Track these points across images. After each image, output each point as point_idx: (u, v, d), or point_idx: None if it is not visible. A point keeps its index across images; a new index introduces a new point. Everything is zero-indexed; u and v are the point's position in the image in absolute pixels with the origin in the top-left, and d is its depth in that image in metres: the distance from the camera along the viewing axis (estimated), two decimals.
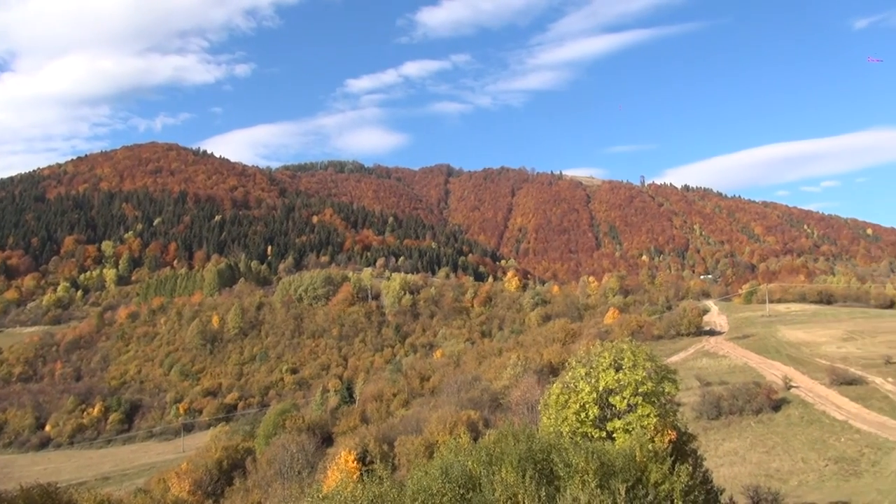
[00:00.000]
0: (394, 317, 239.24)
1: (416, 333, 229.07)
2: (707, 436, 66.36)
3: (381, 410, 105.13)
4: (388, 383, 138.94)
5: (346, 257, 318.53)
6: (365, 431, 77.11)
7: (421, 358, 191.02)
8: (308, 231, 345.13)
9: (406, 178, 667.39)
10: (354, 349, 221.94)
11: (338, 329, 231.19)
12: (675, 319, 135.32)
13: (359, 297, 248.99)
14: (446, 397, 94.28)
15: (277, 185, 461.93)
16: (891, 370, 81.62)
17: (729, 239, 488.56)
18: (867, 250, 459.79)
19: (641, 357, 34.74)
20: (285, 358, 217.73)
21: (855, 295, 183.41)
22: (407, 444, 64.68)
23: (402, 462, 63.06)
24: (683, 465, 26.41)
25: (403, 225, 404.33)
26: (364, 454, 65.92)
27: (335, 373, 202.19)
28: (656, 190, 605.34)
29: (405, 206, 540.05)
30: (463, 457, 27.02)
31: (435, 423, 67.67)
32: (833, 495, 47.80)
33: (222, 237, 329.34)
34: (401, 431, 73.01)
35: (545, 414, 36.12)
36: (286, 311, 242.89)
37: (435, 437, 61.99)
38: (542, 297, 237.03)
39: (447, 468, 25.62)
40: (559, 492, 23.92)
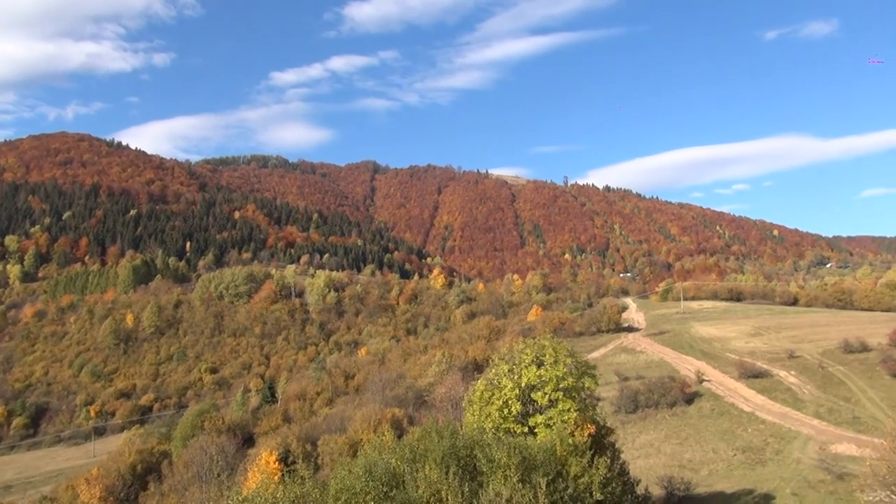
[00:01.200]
0: (318, 314, 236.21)
1: (341, 331, 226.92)
2: (625, 429, 68.49)
3: (304, 409, 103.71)
4: (311, 382, 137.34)
5: (269, 254, 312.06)
6: (287, 431, 76.00)
7: (345, 356, 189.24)
8: (229, 227, 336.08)
9: (332, 175, 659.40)
10: (277, 348, 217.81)
11: (260, 327, 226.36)
12: (596, 316, 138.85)
13: (282, 294, 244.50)
14: (371, 395, 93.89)
15: (197, 180, 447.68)
16: (794, 364, 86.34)
17: (647, 238, 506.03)
18: (773, 250, 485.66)
19: (562, 353, 35.52)
20: (204, 357, 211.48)
21: (762, 293, 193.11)
22: (330, 443, 64.08)
23: (325, 461, 62.44)
24: (602, 458, 27.19)
25: (328, 222, 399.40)
26: (286, 454, 64.89)
27: (257, 372, 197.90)
28: (579, 190, 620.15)
29: (330, 203, 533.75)
30: (387, 455, 26.95)
31: (359, 421, 67.27)
32: (740, 483, 50.18)
33: (138, 232, 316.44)
34: (324, 430, 72.25)
35: (469, 410, 36.43)
36: (206, 309, 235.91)
37: (359, 436, 61.63)
38: (468, 294, 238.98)
39: (371, 466, 25.48)
40: (482, 487, 24.17)
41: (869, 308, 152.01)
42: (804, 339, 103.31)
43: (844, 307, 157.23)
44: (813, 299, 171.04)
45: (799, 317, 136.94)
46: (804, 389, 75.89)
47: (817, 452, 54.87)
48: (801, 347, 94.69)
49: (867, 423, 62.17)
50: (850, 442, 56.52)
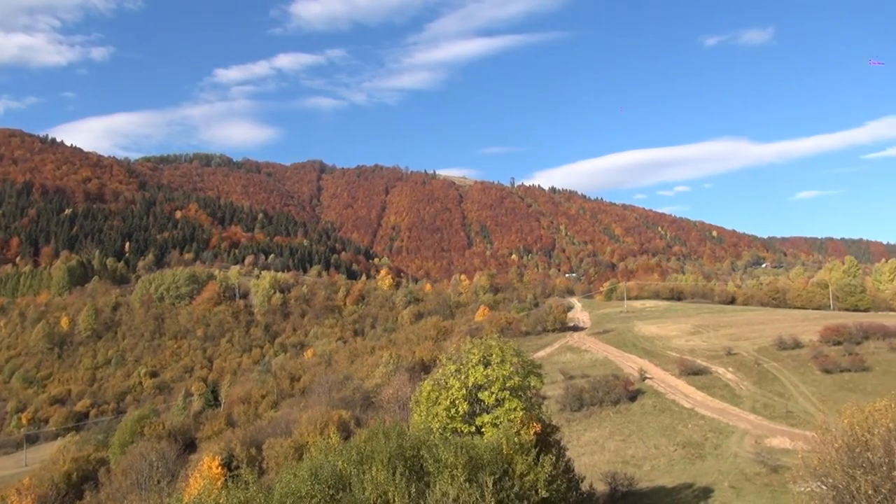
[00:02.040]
0: (263, 316, 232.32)
1: (287, 333, 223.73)
2: (570, 427, 69.48)
3: (248, 413, 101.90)
4: (256, 385, 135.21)
5: (212, 255, 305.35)
6: (231, 435, 74.54)
7: (291, 358, 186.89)
8: (171, 227, 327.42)
9: (277, 174, 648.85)
10: (220, 350, 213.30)
11: (202, 329, 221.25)
12: (542, 316, 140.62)
13: (225, 295, 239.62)
14: (317, 397, 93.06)
15: (137, 178, 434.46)
16: (731, 361, 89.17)
17: (592, 239, 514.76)
18: (712, 251, 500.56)
19: (509, 353, 35.78)
20: (144, 361, 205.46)
21: (702, 292, 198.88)
22: (276, 446, 63.11)
23: (270, 465, 61.48)
24: (547, 456, 27.50)
25: (274, 221, 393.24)
26: (230, 459, 63.62)
27: (199, 375, 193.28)
28: (525, 191, 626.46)
29: (276, 203, 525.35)
30: (333, 457, 26.71)
31: (305, 423, 66.50)
32: (681, 477, 51.51)
33: (73, 232, 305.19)
34: (269, 434, 71.15)
35: (416, 411, 36.37)
36: (146, 312, 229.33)
37: (305, 439, 60.86)
38: (415, 295, 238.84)
39: (317, 469, 25.22)
40: (429, 487, 24.15)
41: (801, 306, 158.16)
42: (741, 336, 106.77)
43: (779, 306, 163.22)
44: (749, 298, 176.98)
45: (736, 315, 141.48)
46: (741, 385, 78.43)
47: (753, 446, 56.76)
48: (739, 345, 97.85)
49: (800, 417, 64.65)
50: (784, 435, 58.66)
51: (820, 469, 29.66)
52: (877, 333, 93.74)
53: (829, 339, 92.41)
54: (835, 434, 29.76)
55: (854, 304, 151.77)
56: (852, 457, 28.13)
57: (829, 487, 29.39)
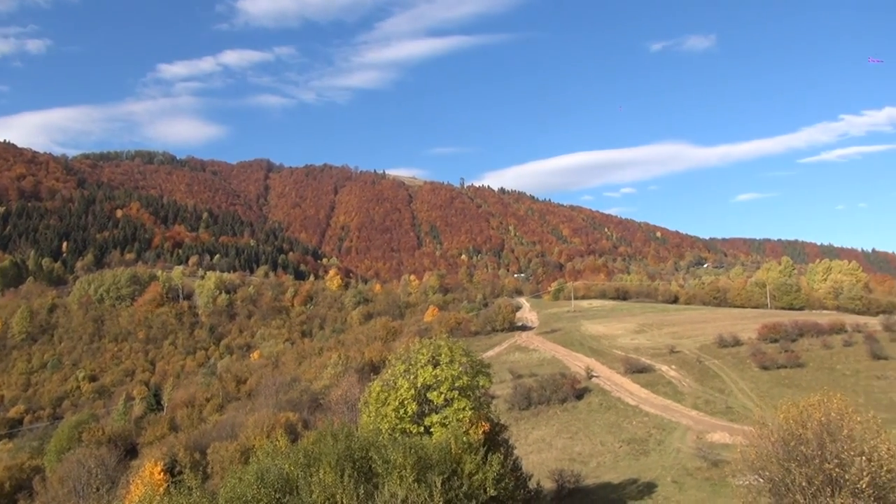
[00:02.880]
0: (208, 317, 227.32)
1: (233, 334, 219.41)
2: (518, 425, 70.18)
3: (192, 417, 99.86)
4: (200, 388, 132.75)
5: (154, 255, 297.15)
6: (174, 440, 72.99)
7: (237, 360, 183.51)
8: (111, 226, 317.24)
9: (223, 172, 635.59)
10: (163, 353, 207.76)
11: (144, 332, 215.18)
12: (491, 316, 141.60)
13: (169, 297, 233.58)
14: (264, 400, 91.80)
15: (75, 175, 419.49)
16: (674, 358, 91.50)
17: (540, 240, 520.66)
18: (657, 251, 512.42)
19: (458, 353, 35.94)
20: (83, 364, 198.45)
21: (646, 291, 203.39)
22: (221, 450, 61.99)
23: (215, 470, 60.40)
24: (495, 455, 27.71)
25: (219, 221, 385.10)
26: (173, 464, 62.22)
27: (141, 379, 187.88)
28: (475, 192, 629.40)
29: (221, 202, 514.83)
30: (280, 460, 26.40)
31: (251, 427, 65.51)
32: (626, 473, 52.60)
33: (6, 231, 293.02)
34: (214, 438, 69.85)
35: (365, 412, 36.22)
36: (84, 314, 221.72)
37: (251, 442, 59.89)
38: (364, 295, 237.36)
39: (263, 473, 24.89)
40: (378, 488, 24.07)
41: (741, 305, 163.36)
42: (684, 335, 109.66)
43: (719, 304, 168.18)
44: (692, 297, 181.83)
45: (679, 314, 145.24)
46: (684, 383, 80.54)
47: (695, 442, 58.36)
48: (681, 343, 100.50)
49: (739, 413, 66.74)
50: (724, 431, 60.47)
51: (757, 463, 30.66)
52: (811, 331, 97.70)
53: (766, 337, 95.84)
54: (771, 428, 30.83)
55: (790, 303, 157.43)
56: (787, 450, 29.17)
57: (766, 480, 30.42)
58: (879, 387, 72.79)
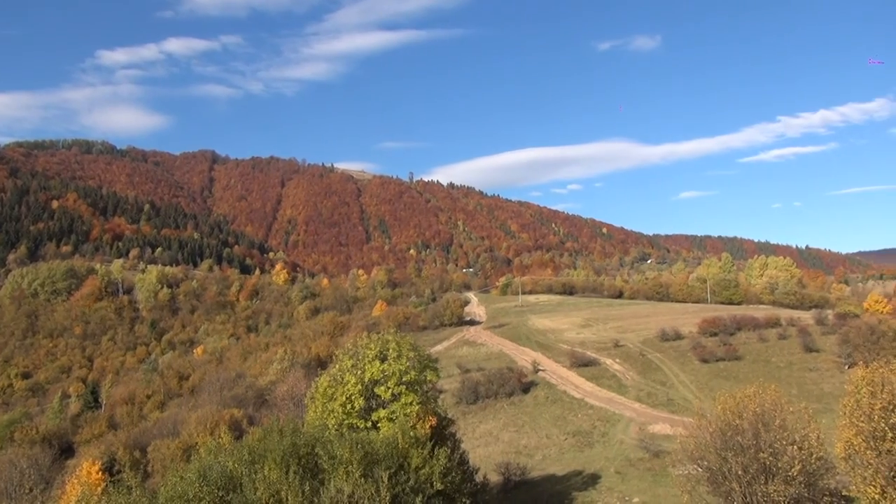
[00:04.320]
0: (149, 312, 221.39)
1: (175, 330, 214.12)
2: (466, 419, 70.63)
3: (132, 414, 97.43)
4: (141, 384, 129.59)
5: (92, 248, 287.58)
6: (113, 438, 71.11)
7: (180, 356, 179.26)
8: (46, 217, 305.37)
9: (166, 163, 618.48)
10: (102, 349, 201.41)
11: (81, 327, 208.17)
12: (439, 311, 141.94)
13: (108, 291, 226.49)
14: (207, 396, 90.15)
15: (7, 164, 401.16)
16: (618, 352, 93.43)
17: (489, 235, 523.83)
18: (603, 247, 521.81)
19: (406, 347, 35.88)
20: (15, 361, 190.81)
21: (592, 286, 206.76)
22: (162, 448, 60.59)
23: (156, 468, 59.04)
24: (442, 449, 27.81)
25: (162, 213, 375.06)
26: (111, 463, 60.55)
27: (78, 375, 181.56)
28: (424, 186, 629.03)
29: (164, 194, 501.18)
30: (223, 457, 25.96)
31: (194, 424, 64.18)
32: (571, 465, 53.49)
33: None
34: (155, 435, 68.26)
35: (311, 408, 35.88)
36: (17, 308, 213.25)
37: (194, 439, 58.77)
38: (312, 290, 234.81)
39: (205, 471, 24.42)
40: (324, 484, 23.91)
41: (683, 300, 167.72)
42: (628, 329, 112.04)
43: (662, 299, 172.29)
44: (636, 292, 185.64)
45: (623, 308, 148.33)
46: (627, 376, 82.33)
47: (637, 433, 59.77)
48: (625, 337, 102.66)
49: (679, 405, 68.64)
50: (665, 422, 62.11)
51: (696, 453, 31.62)
52: (748, 325, 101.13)
53: (706, 331, 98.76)
54: (709, 419, 31.84)
55: (728, 298, 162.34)
56: (724, 440, 30.17)
57: (705, 469, 31.40)
58: (811, 378, 75.88)
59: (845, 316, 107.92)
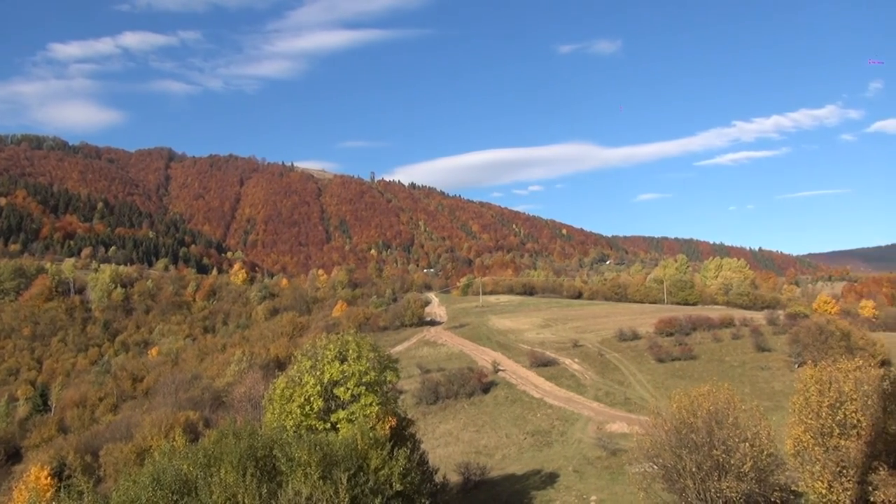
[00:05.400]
0: (102, 313, 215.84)
1: (129, 330, 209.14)
2: (426, 420, 70.62)
3: (83, 417, 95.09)
4: (93, 387, 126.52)
5: (42, 246, 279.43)
6: (63, 442, 69.19)
7: (134, 357, 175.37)
8: None
9: (120, 160, 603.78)
10: (52, 350, 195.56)
11: (30, 328, 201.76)
12: (400, 311, 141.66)
13: (58, 291, 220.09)
14: (162, 398, 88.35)
15: None
16: (577, 352, 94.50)
17: (450, 235, 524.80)
18: (562, 248, 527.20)
19: (366, 348, 35.73)
20: None
21: (552, 287, 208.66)
22: (115, 452, 59.15)
23: (108, 473, 57.62)
24: (402, 450, 27.76)
25: (116, 211, 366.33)
26: (61, 468, 58.88)
27: (26, 378, 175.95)
28: (385, 186, 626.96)
29: (118, 191, 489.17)
30: (178, 461, 25.45)
31: (148, 427, 62.77)
32: (530, 464, 53.91)
33: None
34: (108, 439, 66.64)
35: (269, 409, 35.47)
36: None
37: (148, 443, 57.49)
38: (271, 290, 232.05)
39: (159, 474, 23.94)
40: (281, 487, 23.65)
41: (640, 300, 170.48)
42: (587, 329, 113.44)
43: (620, 300, 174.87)
44: (594, 293, 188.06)
45: (583, 309, 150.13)
46: (586, 375, 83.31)
47: (595, 432, 60.53)
48: (584, 337, 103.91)
49: (636, 403, 69.73)
50: (623, 421, 63.02)
51: (652, 451, 32.17)
52: (703, 325, 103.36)
53: (662, 331, 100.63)
54: (665, 418, 32.43)
55: (684, 299, 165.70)
56: (679, 438, 30.76)
57: (660, 467, 31.97)
58: (763, 377, 77.88)
59: (795, 316, 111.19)
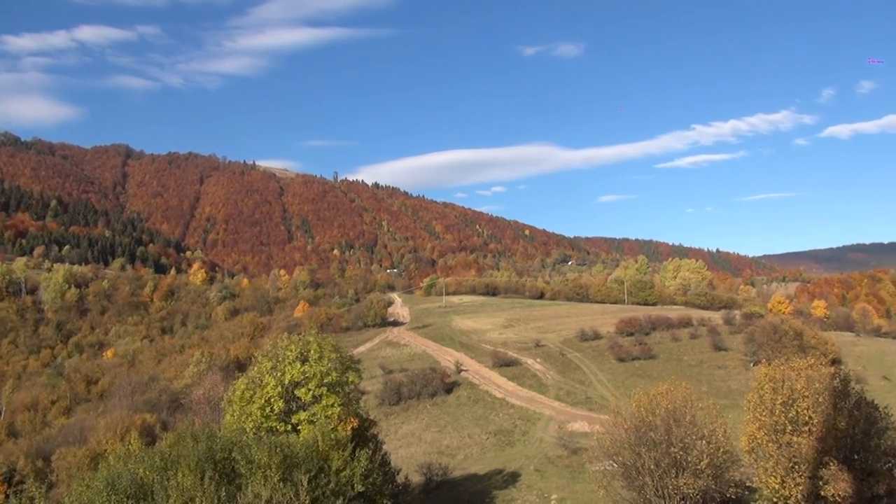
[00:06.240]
0: (55, 314, 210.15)
1: (84, 332, 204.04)
2: (388, 420, 70.40)
3: (35, 421, 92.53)
4: (45, 390, 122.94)
5: None
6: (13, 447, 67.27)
7: (88, 359, 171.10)
8: None
9: (75, 157, 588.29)
10: (2, 352, 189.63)
11: None
12: (363, 311, 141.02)
13: (9, 291, 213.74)
14: (118, 401, 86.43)
15: None
16: (539, 352, 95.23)
17: (413, 235, 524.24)
18: (525, 249, 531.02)
19: (327, 349, 35.46)
20: None
21: (514, 287, 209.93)
22: (68, 456, 57.70)
23: (61, 478, 56.19)
24: (363, 451, 27.60)
25: (70, 209, 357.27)
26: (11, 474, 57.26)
27: None
28: (349, 186, 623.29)
29: (73, 189, 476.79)
30: (134, 464, 24.92)
31: (103, 430, 61.34)
32: (492, 464, 54.14)
33: None
34: (60, 443, 64.99)
35: (229, 411, 34.99)
36: None
37: (102, 446, 56.14)
38: (231, 290, 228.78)
39: (114, 479, 23.40)
40: (241, 490, 23.33)
41: (601, 301, 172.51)
42: (549, 329, 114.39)
43: (582, 300, 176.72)
44: (556, 293, 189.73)
45: (545, 309, 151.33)
46: (548, 375, 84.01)
47: (557, 431, 61.09)
48: (546, 337, 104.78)
49: (597, 403, 70.57)
50: (584, 420, 63.71)
51: (612, 449, 32.62)
52: (662, 325, 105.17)
53: (623, 331, 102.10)
54: (624, 417, 32.91)
55: (644, 299, 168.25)
56: (639, 436, 31.25)
57: (620, 465, 32.42)
58: (719, 375, 79.54)
59: (751, 316, 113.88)
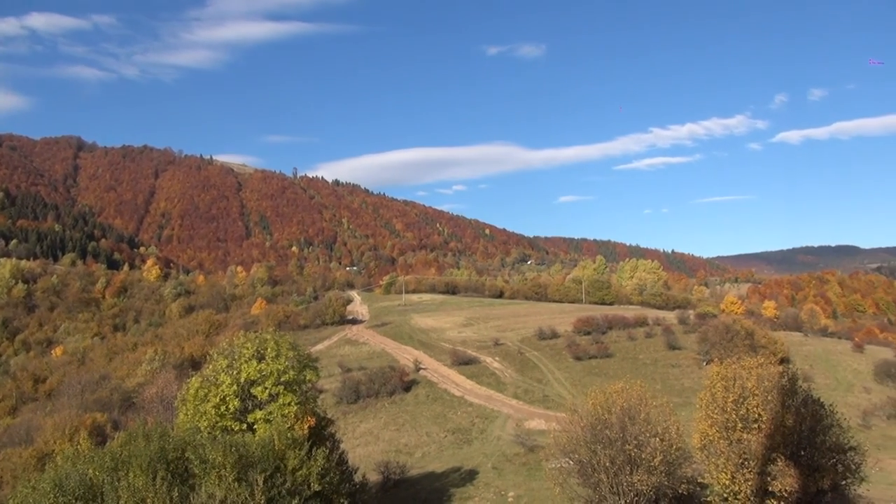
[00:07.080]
0: (1, 310, 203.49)
1: (31, 329, 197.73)
2: (346, 419, 70.03)
3: None
4: None
5: None
6: None
7: (36, 357, 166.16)
8: None
9: (24, 148, 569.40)
10: None
11: None
12: (321, 309, 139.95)
13: None
14: (67, 400, 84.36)
15: None
16: (498, 350, 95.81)
17: (373, 233, 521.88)
18: (485, 248, 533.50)
19: (284, 347, 35.10)
20: None
21: (474, 286, 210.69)
22: (13, 457, 56.01)
23: (6, 479, 54.44)
24: (320, 450, 27.41)
25: (18, 203, 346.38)
26: None
27: None
28: (308, 182, 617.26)
29: (21, 181, 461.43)
30: (83, 465, 24.33)
31: (50, 430, 59.69)
32: (450, 462, 54.27)
33: None
34: (5, 444, 63.26)
35: (182, 410, 34.37)
36: None
37: (50, 447, 54.59)
38: (186, 287, 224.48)
39: (62, 480, 22.83)
40: (194, 490, 22.96)
41: (559, 300, 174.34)
42: (508, 328, 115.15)
43: (540, 299, 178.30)
44: (516, 292, 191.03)
45: (504, 308, 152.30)
46: (506, 373, 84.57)
47: (514, 429, 61.57)
48: (505, 336, 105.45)
49: (554, 401, 71.32)
50: (541, 418, 64.32)
51: (568, 446, 32.99)
52: (619, 324, 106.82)
53: (580, 330, 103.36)
54: (581, 414, 33.32)
55: (601, 298, 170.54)
56: (594, 434, 31.68)
57: (576, 462, 32.81)
58: (673, 374, 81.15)
59: (704, 316, 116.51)
